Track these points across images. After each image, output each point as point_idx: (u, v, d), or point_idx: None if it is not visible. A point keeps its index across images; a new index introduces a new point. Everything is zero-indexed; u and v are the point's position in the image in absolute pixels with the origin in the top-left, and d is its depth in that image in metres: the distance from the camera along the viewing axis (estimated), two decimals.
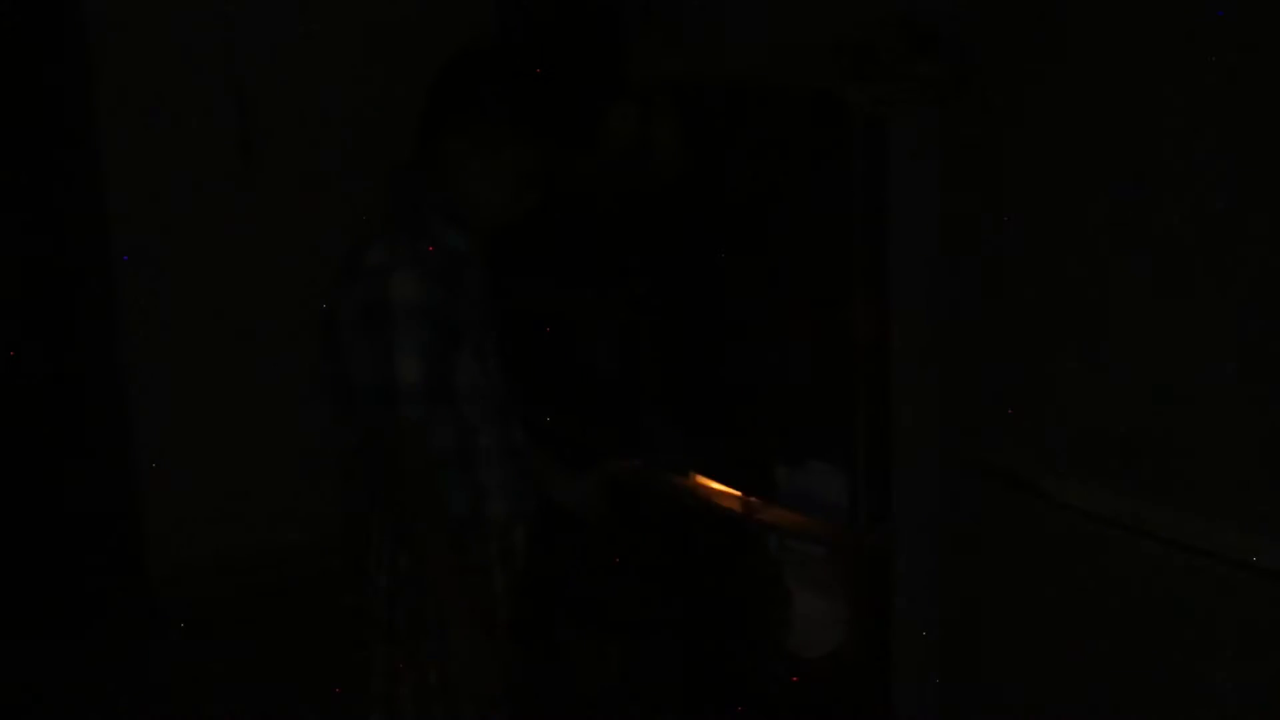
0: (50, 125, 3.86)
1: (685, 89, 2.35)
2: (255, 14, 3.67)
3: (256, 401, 3.89)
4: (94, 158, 3.75)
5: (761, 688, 2.13)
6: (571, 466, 2.10)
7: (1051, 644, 1.93)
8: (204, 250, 3.84)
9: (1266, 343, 1.58)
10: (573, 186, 2.78)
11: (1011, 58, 1.88)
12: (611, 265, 2.83)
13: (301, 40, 3.77)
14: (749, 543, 2.14)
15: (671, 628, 2.40)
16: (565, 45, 3.32)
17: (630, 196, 2.53)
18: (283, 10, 3.73)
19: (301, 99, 3.80)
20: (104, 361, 3.90)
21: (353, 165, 3.81)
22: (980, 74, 1.91)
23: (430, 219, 1.86)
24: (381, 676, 1.96)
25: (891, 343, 2.01)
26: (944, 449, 2.05)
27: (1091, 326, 1.81)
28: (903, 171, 1.97)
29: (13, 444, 4.07)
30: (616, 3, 2.81)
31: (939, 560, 2.08)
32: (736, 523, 2.20)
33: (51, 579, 3.98)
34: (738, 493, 2.26)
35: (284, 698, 2.94)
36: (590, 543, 2.38)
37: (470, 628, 1.84)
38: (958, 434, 2.04)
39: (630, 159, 2.47)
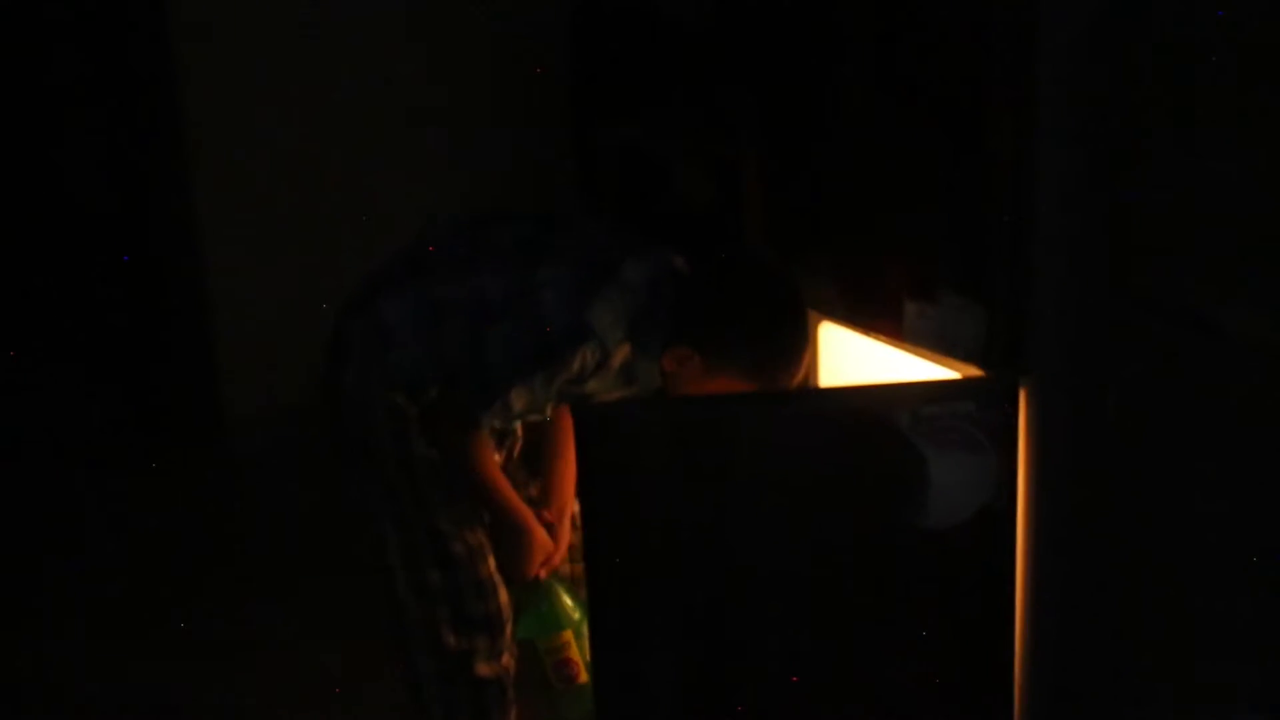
0: None
1: None
2: None
3: (323, 246, 3.98)
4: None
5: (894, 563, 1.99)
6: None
7: (1214, 478, 1.78)
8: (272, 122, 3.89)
9: None
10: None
11: None
12: (711, 82, 2.66)
13: None
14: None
15: None
16: None
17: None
18: None
19: None
20: (182, 220, 3.97)
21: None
22: None
23: None
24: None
25: (1035, 156, 1.81)
26: (1092, 277, 1.86)
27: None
28: None
29: (98, 298, 4.16)
30: None
31: (1087, 404, 1.92)
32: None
33: (133, 420, 4.12)
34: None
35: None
36: None
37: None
38: (1109, 260, 1.85)
39: None
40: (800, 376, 2.09)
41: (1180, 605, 1.86)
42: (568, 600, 2.31)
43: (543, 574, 2.28)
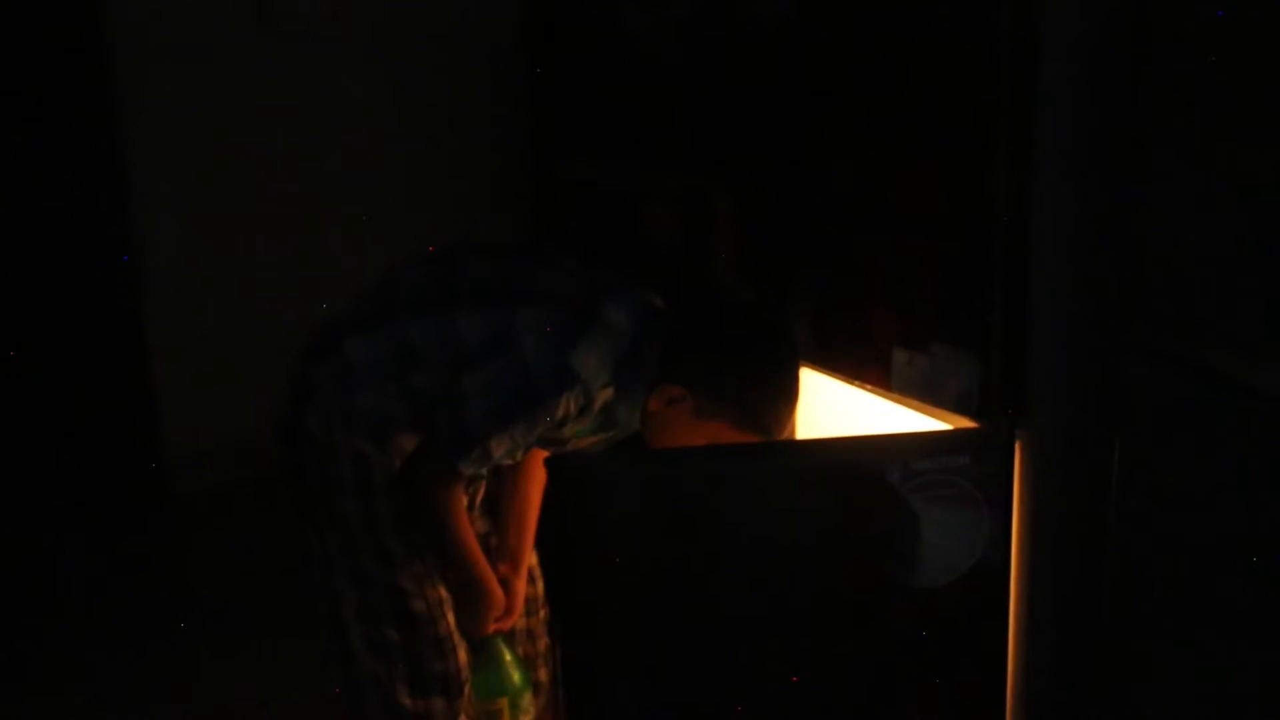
0: None
1: None
2: None
3: (268, 286, 3.87)
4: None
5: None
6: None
7: (1224, 538, 1.68)
8: (217, 125, 3.78)
9: None
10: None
11: None
12: (682, 114, 2.57)
13: None
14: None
15: None
16: None
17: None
18: None
19: None
20: (116, 245, 3.83)
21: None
22: None
23: None
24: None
25: (1032, 193, 1.72)
26: (1095, 325, 1.77)
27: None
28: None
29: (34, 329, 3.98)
30: None
31: (1087, 457, 1.82)
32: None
33: (70, 460, 4.03)
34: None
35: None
36: None
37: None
38: (1112, 305, 1.76)
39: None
40: (790, 428, 1.99)
41: (1183, 670, 1.78)
42: (510, 661, 2.21)
43: (492, 629, 2.17)
